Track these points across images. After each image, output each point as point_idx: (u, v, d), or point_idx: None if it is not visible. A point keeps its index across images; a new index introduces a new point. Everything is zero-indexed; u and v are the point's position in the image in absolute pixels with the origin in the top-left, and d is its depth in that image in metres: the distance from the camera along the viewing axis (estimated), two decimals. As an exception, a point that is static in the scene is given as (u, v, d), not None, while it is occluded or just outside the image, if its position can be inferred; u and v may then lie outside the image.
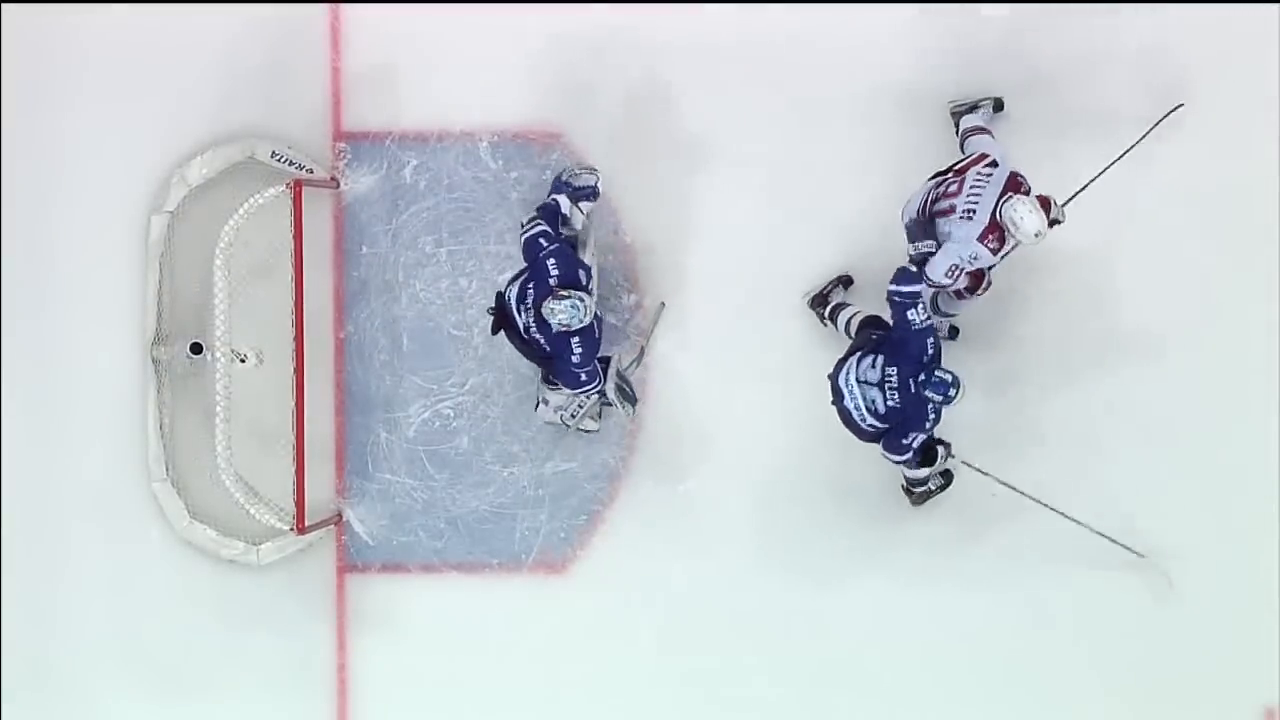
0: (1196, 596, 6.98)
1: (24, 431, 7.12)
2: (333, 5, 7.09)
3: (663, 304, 6.99)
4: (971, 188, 6.27)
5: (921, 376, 6.32)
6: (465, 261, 7.07)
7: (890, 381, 6.40)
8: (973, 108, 6.83)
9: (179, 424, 7.10)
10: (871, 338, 6.55)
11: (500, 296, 6.54)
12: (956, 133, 6.79)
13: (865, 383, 6.43)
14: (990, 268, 6.41)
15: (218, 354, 6.87)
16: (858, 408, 6.45)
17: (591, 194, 6.75)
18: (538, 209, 6.62)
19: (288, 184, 6.75)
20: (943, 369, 6.34)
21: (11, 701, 7.11)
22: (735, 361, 7.06)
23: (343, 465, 7.16)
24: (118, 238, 7.09)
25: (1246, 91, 6.90)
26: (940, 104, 6.87)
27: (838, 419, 6.50)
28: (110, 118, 7.08)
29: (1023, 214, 6.20)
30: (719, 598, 7.03)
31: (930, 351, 6.38)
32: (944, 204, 6.32)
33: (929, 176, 6.41)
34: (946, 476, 6.92)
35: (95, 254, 7.10)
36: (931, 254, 6.34)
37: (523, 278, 6.46)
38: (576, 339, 6.38)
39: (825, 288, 6.97)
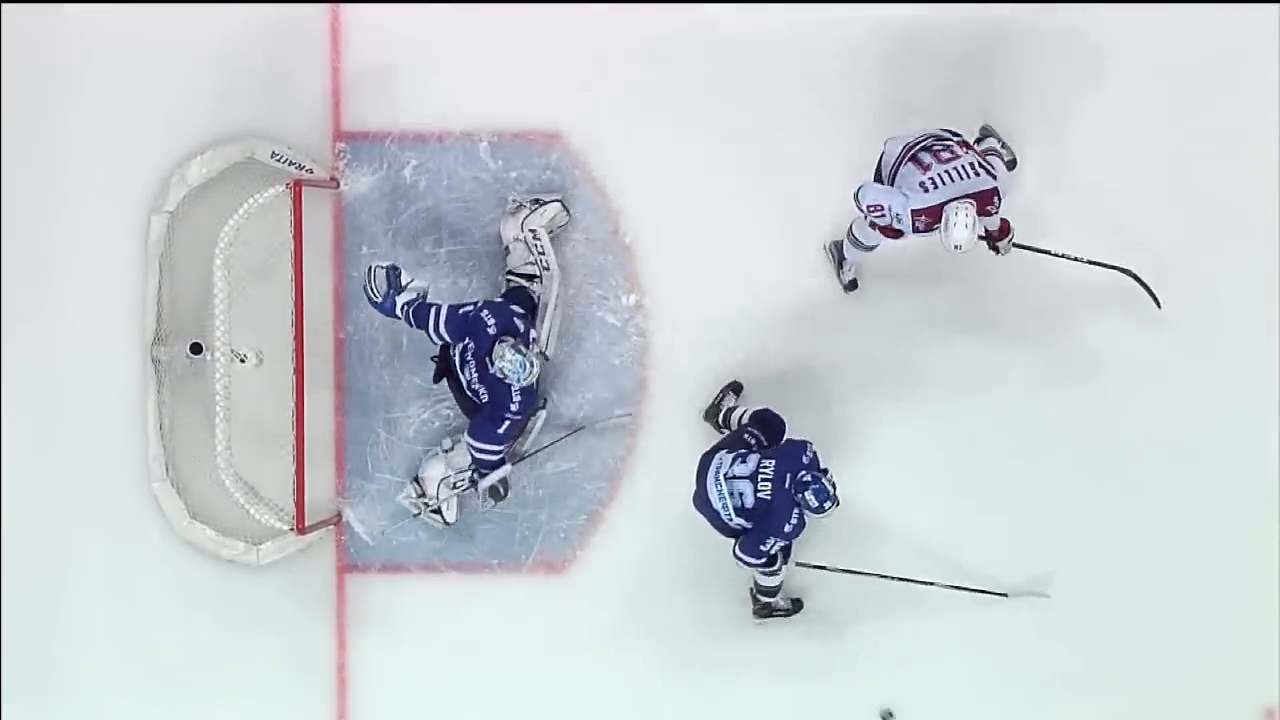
0: (1196, 596, 6.98)
1: (24, 431, 7.12)
2: (333, 5, 7.09)
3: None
4: (955, 168, 6.25)
5: (802, 474, 6.37)
6: (465, 261, 7.07)
7: (765, 474, 6.43)
8: (1001, 143, 6.85)
9: (179, 424, 7.10)
10: (746, 438, 6.60)
11: (445, 347, 6.62)
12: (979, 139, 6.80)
13: (734, 477, 6.46)
14: (901, 233, 6.34)
15: (218, 354, 6.87)
16: (725, 507, 6.50)
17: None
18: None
19: (288, 184, 6.74)
20: (823, 472, 6.40)
21: (11, 701, 7.11)
22: (735, 361, 7.05)
23: (343, 465, 7.16)
24: (118, 238, 7.09)
25: (1246, 91, 6.90)
26: (953, 111, 6.84)
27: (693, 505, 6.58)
28: (110, 118, 7.07)
29: (960, 222, 6.15)
30: (719, 598, 7.02)
31: (809, 455, 6.45)
32: (926, 158, 6.28)
33: (943, 126, 6.39)
34: (796, 604, 6.95)
35: (95, 254, 7.09)
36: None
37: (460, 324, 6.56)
38: (519, 392, 6.50)
39: (717, 399, 6.99)
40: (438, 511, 6.98)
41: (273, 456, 6.92)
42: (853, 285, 6.96)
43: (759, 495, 6.42)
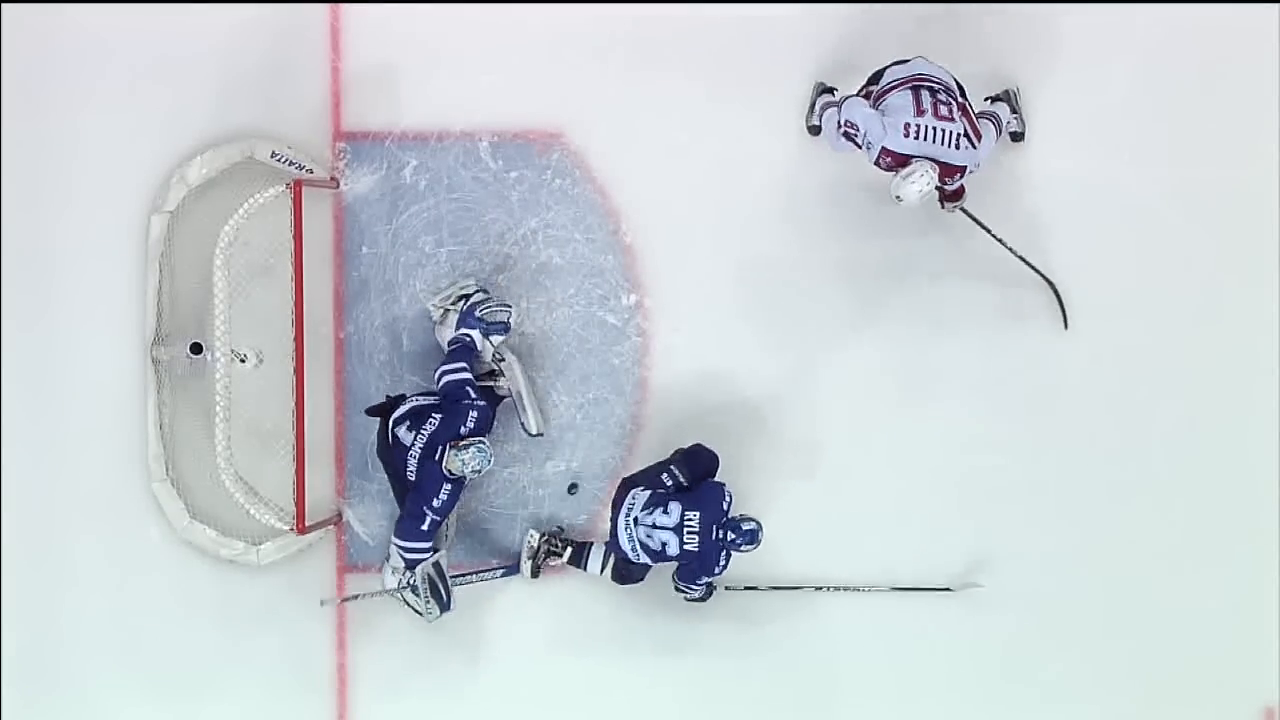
0: (1197, 596, 6.99)
1: (24, 431, 7.12)
2: (333, 5, 7.09)
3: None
4: (944, 131, 6.22)
5: (725, 523, 6.51)
6: (465, 262, 7.07)
7: (690, 526, 6.52)
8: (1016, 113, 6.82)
9: (179, 424, 7.09)
10: (665, 479, 6.65)
11: (399, 398, 6.75)
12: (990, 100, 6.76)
13: (658, 527, 6.53)
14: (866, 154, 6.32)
15: (218, 354, 6.87)
16: (634, 549, 6.60)
17: (503, 329, 6.83)
18: (452, 349, 6.73)
19: (288, 184, 6.74)
20: (747, 517, 6.52)
21: (11, 701, 7.10)
22: (735, 361, 7.05)
23: (343, 465, 7.15)
24: (118, 238, 7.08)
25: (1246, 91, 6.90)
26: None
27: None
28: (110, 118, 7.07)
29: (918, 184, 6.19)
30: (718, 597, 7.02)
31: (728, 499, 6.56)
32: (926, 100, 6.25)
33: (953, 76, 6.34)
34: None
35: (95, 254, 7.09)
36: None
37: (430, 402, 6.63)
38: (450, 486, 6.56)
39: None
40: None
41: (273, 456, 6.92)
42: (815, 130, 6.84)
43: (686, 547, 6.54)
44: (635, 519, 6.59)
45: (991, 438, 7.02)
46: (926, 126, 6.20)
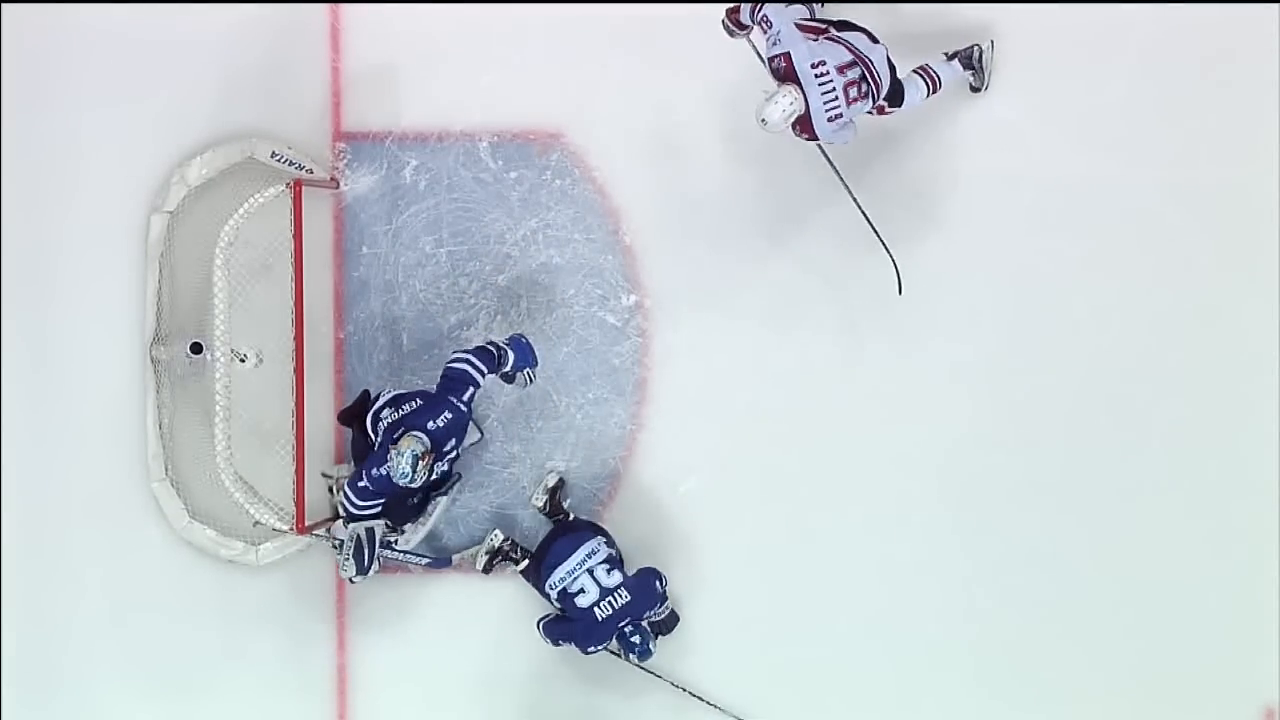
0: (1197, 596, 6.98)
1: (24, 431, 7.12)
2: (333, 5, 7.09)
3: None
4: (837, 101, 6.16)
5: (639, 621, 6.68)
6: (465, 262, 7.07)
7: (616, 600, 6.68)
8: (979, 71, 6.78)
9: (179, 424, 7.10)
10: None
11: (366, 394, 6.77)
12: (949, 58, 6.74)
13: (591, 573, 6.67)
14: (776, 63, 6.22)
15: (218, 354, 6.87)
16: (561, 582, 6.71)
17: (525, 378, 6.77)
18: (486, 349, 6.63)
19: (288, 184, 6.75)
20: (646, 637, 6.71)
21: (12, 701, 7.11)
22: (735, 361, 7.06)
23: (342, 465, 7.15)
24: (118, 238, 7.09)
25: (1246, 91, 6.90)
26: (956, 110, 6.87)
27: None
28: (110, 118, 7.07)
29: (781, 107, 6.11)
30: (718, 598, 7.02)
31: (658, 604, 6.73)
32: (851, 74, 6.19)
33: (878, 41, 6.30)
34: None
35: (95, 254, 7.10)
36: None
37: (416, 391, 6.60)
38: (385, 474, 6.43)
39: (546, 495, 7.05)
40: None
41: (273, 456, 6.92)
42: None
43: (594, 608, 6.63)
44: (590, 568, 6.66)
45: (991, 437, 7.01)
46: (832, 85, 6.16)
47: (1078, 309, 6.98)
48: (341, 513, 6.70)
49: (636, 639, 6.71)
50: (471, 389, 6.50)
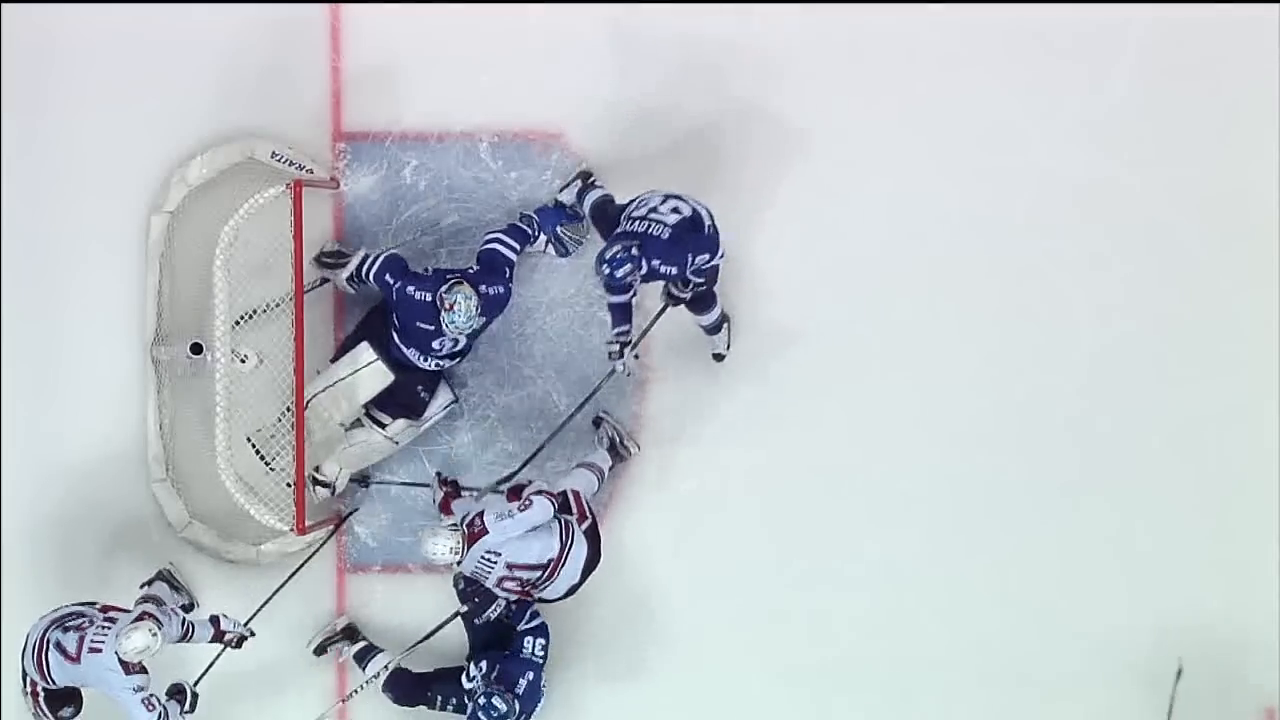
0: (1197, 597, 6.99)
1: (24, 431, 7.12)
2: (333, 5, 7.09)
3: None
4: (487, 572, 6.34)
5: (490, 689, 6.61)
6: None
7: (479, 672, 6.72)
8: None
9: (179, 424, 7.09)
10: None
11: (398, 359, 6.73)
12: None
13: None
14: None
15: (218, 354, 6.86)
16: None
17: (563, 252, 6.93)
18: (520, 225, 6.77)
19: (288, 184, 6.75)
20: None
21: (12, 701, 7.09)
22: (735, 361, 7.06)
23: (343, 465, 7.15)
24: (118, 238, 7.09)
25: (1246, 91, 6.90)
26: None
27: None
28: (110, 118, 7.07)
29: (442, 544, 6.27)
30: (718, 598, 7.03)
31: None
32: (524, 563, 6.35)
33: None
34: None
35: (95, 254, 7.09)
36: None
37: (399, 321, 6.67)
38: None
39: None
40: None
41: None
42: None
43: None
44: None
45: (991, 437, 7.02)
46: (490, 571, 6.31)
47: (1078, 308, 6.98)
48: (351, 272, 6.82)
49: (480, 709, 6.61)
50: (508, 269, 6.62)
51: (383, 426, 6.89)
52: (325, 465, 6.89)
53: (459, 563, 6.32)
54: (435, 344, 6.66)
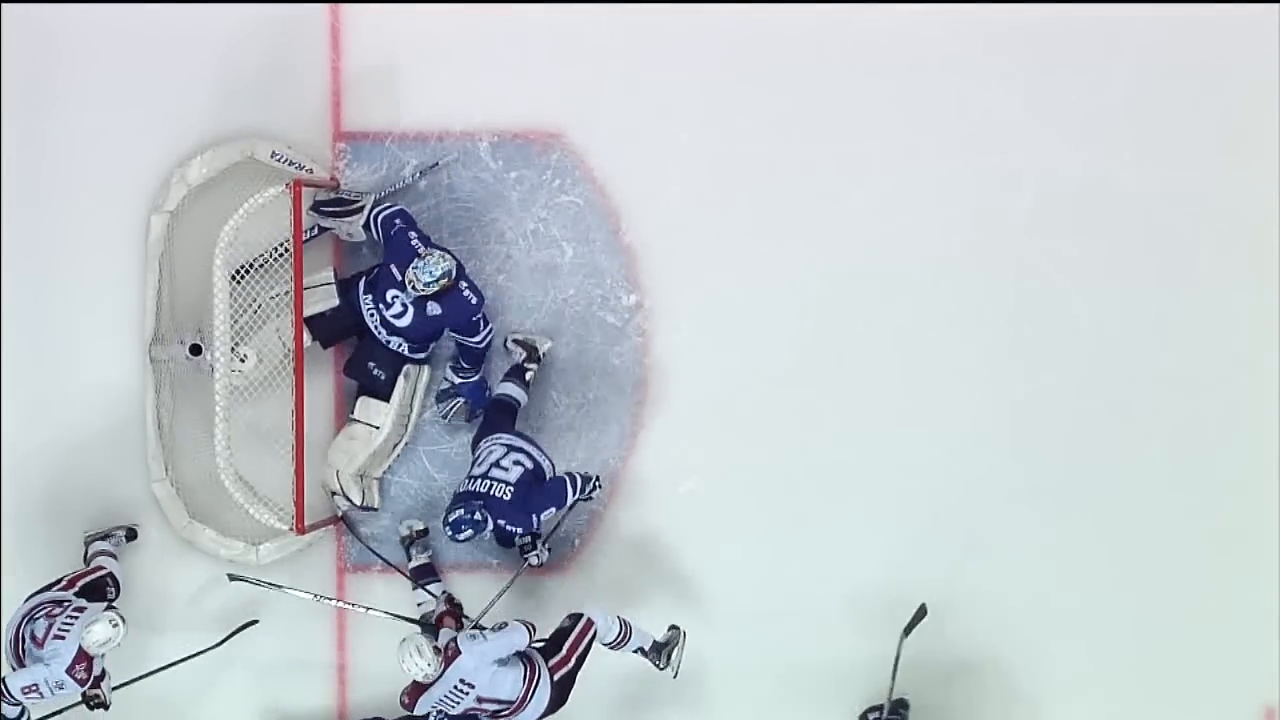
0: (1197, 597, 6.99)
1: (24, 432, 7.11)
2: (333, 5, 7.09)
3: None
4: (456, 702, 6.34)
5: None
6: (465, 261, 7.03)
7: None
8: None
9: (179, 424, 7.09)
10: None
11: (353, 301, 6.77)
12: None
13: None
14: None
15: (217, 354, 6.86)
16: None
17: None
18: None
19: (287, 184, 6.74)
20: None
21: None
22: (736, 361, 7.06)
23: (343, 465, 7.15)
24: (118, 238, 7.08)
25: (1246, 91, 6.90)
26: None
27: None
28: (110, 118, 7.07)
29: (417, 661, 6.30)
30: (718, 598, 7.03)
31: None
32: (494, 697, 6.32)
33: None
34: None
35: (95, 254, 7.09)
36: None
37: (377, 268, 6.72)
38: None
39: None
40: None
41: (273, 456, 6.91)
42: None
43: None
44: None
45: (991, 438, 7.02)
46: (460, 701, 6.32)
47: (1078, 308, 6.98)
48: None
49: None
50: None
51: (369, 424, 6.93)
52: (351, 492, 6.99)
53: (430, 684, 6.31)
54: (389, 296, 6.69)
